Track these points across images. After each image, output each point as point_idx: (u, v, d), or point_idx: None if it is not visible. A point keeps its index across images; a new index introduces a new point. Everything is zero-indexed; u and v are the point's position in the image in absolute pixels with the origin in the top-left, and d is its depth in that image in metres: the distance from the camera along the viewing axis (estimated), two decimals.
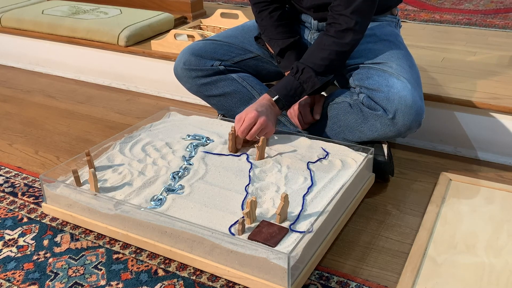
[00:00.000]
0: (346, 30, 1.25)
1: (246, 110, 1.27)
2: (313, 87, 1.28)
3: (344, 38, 1.25)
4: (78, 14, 2.29)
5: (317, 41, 1.30)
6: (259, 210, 1.07)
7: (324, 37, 1.28)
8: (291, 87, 1.28)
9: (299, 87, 1.28)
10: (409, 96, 1.21)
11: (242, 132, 1.26)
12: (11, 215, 1.27)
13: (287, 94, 1.28)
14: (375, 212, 1.25)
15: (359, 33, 1.26)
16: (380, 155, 1.31)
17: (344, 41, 1.26)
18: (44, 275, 1.06)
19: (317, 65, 1.26)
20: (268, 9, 1.43)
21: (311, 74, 1.26)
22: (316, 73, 1.26)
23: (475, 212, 1.21)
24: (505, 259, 1.05)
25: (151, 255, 1.11)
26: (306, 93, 1.30)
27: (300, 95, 1.29)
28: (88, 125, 1.78)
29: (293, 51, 1.41)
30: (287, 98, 1.28)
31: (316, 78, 1.26)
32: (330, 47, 1.26)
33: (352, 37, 1.25)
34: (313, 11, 1.39)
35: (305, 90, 1.28)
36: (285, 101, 1.28)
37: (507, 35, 2.10)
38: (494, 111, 1.44)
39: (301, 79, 1.27)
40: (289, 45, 1.40)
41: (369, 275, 1.05)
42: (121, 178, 1.20)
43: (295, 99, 1.30)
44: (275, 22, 1.42)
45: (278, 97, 1.28)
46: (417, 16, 2.48)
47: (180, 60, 1.47)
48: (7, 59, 2.44)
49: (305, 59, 1.29)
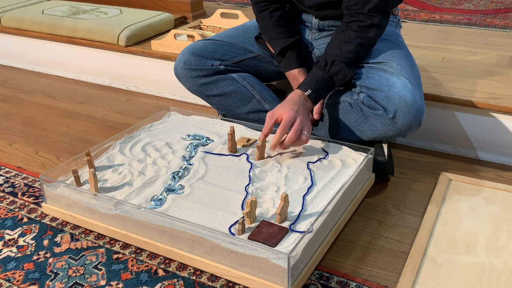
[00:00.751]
0: (371, 25, 1.27)
1: (281, 110, 1.22)
2: (345, 79, 1.28)
3: (369, 33, 1.27)
4: (78, 14, 2.29)
5: (337, 36, 1.30)
6: (259, 210, 1.07)
7: (348, 31, 1.29)
8: (322, 80, 1.27)
9: (330, 80, 1.27)
10: (410, 95, 1.21)
11: (283, 132, 1.19)
12: (11, 215, 1.27)
13: (319, 88, 1.27)
14: (375, 212, 1.25)
15: (382, 28, 1.29)
16: (380, 155, 1.31)
17: (368, 36, 1.28)
18: (44, 275, 1.06)
19: (345, 57, 1.27)
20: (268, 9, 1.43)
21: (342, 66, 1.26)
22: (346, 64, 1.27)
23: (475, 212, 1.21)
24: (505, 259, 1.05)
25: (151, 255, 1.11)
26: (337, 86, 1.30)
27: (331, 88, 1.30)
28: (88, 125, 1.78)
29: (293, 51, 1.41)
30: (318, 92, 1.27)
31: (347, 69, 1.27)
32: (355, 40, 1.27)
33: (375, 32, 1.28)
34: (315, 9, 1.40)
35: (335, 83, 1.28)
36: (318, 94, 1.27)
37: (507, 35, 2.10)
38: (494, 111, 1.44)
39: (332, 72, 1.26)
40: (290, 45, 1.40)
41: (369, 275, 1.05)
42: (121, 178, 1.20)
43: (326, 92, 1.30)
44: (275, 21, 1.42)
45: (311, 92, 1.26)
46: (417, 16, 2.48)
47: (180, 60, 1.47)
48: (7, 59, 2.44)
49: (330, 52, 1.29)
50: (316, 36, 1.46)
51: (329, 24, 1.42)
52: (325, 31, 1.44)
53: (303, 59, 1.42)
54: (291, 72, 1.42)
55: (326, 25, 1.43)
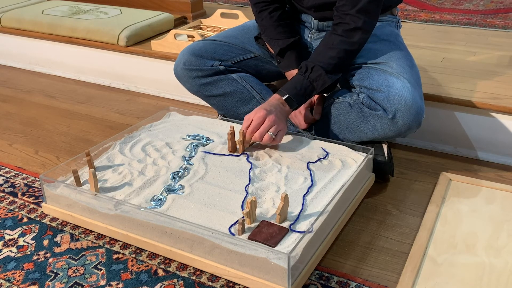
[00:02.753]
0: (354, 29, 1.25)
1: (255, 110, 1.26)
2: (324, 85, 1.27)
3: (353, 37, 1.26)
4: (78, 14, 2.29)
5: (324, 41, 1.30)
6: (259, 210, 1.07)
7: (332, 36, 1.28)
8: (301, 86, 1.27)
9: (309, 86, 1.27)
10: (409, 96, 1.21)
11: (251, 131, 1.25)
12: (11, 215, 1.27)
13: (297, 93, 1.27)
14: (375, 212, 1.25)
15: (367, 32, 1.27)
16: (380, 155, 1.31)
17: (352, 40, 1.26)
18: (44, 275, 1.06)
19: (326, 63, 1.27)
20: (268, 9, 1.43)
21: (321, 72, 1.26)
22: (326, 71, 1.26)
23: (475, 212, 1.21)
24: (505, 259, 1.05)
25: (151, 255, 1.11)
26: (317, 92, 1.29)
27: (311, 94, 1.29)
28: (88, 125, 1.78)
29: (293, 51, 1.41)
30: (297, 97, 1.27)
31: (327, 76, 1.26)
32: (338, 46, 1.26)
33: (360, 36, 1.26)
34: (314, 10, 1.40)
35: (315, 89, 1.28)
36: (295, 100, 1.28)
37: (507, 35, 2.10)
38: (494, 111, 1.44)
39: (311, 78, 1.27)
40: (289, 45, 1.40)
41: (369, 275, 1.05)
42: (121, 178, 1.20)
43: (305, 98, 1.29)
44: (275, 22, 1.42)
45: (288, 96, 1.27)
46: (417, 16, 2.48)
47: (180, 60, 1.47)
48: (7, 59, 2.44)
49: (313, 58, 1.29)
50: (316, 36, 1.46)
51: (328, 25, 1.42)
52: (324, 31, 1.44)
53: (302, 59, 1.42)
54: (290, 72, 1.42)
55: (325, 26, 1.43)
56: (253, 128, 1.24)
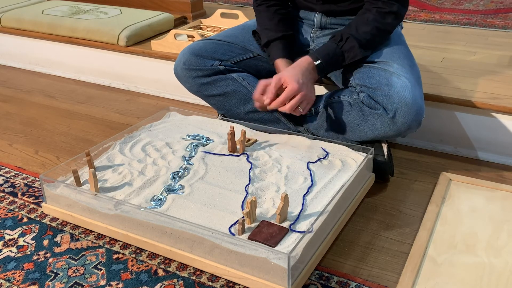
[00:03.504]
0: (389, 12, 1.28)
1: (286, 76, 1.23)
2: (354, 58, 1.28)
3: (386, 18, 1.29)
4: (78, 14, 2.29)
5: (358, 17, 1.32)
6: (259, 210, 1.07)
7: (367, 13, 1.30)
8: (334, 54, 1.27)
9: (341, 56, 1.28)
10: (409, 95, 1.21)
11: (281, 102, 1.22)
12: (11, 215, 1.27)
13: (329, 61, 1.27)
14: (375, 212, 1.25)
15: (399, 17, 1.30)
16: (380, 155, 1.31)
17: (385, 21, 1.29)
18: (44, 275, 1.06)
19: (361, 37, 1.27)
20: (267, 3, 1.44)
21: (355, 44, 1.26)
22: (359, 44, 1.27)
23: (475, 212, 1.21)
24: (505, 259, 1.05)
25: (151, 255, 1.11)
26: (346, 63, 1.30)
27: (340, 64, 1.30)
28: (88, 125, 1.78)
29: (281, 41, 1.40)
30: (327, 66, 1.27)
31: (359, 49, 1.27)
32: (372, 23, 1.28)
33: (393, 19, 1.29)
34: (322, 2, 1.39)
35: (345, 60, 1.28)
36: (325, 67, 1.28)
37: (507, 35, 2.10)
38: (494, 111, 1.44)
39: (344, 48, 1.27)
40: (278, 38, 1.40)
41: (369, 275, 1.05)
42: (121, 178, 1.20)
43: (332, 68, 1.30)
44: (271, 14, 1.43)
45: (320, 62, 1.26)
46: (417, 16, 2.48)
47: (180, 60, 1.47)
48: (7, 59, 2.44)
49: (346, 30, 1.29)
50: (319, 34, 1.46)
51: (331, 22, 1.42)
52: (327, 29, 1.44)
53: (291, 52, 1.41)
54: (278, 62, 1.39)
55: (328, 23, 1.43)
56: (283, 99, 1.22)
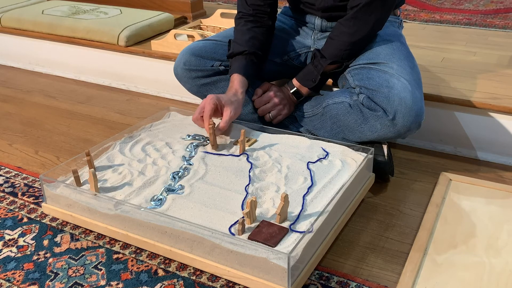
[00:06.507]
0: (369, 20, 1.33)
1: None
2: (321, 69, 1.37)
3: (366, 24, 1.33)
4: (78, 14, 2.29)
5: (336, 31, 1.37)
6: (259, 210, 1.07)
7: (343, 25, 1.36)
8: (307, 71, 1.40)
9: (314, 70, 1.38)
10: (409, 97, 1.21)
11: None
12: (11, 215, 1.27)
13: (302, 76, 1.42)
14: (375, 212, 1.25)
15: (381, 23, 1.36)
16: (380, 155, 1.31)
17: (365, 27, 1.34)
18: (44, 275, 1.06)
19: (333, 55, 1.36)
20: (247, 19, 1.43)
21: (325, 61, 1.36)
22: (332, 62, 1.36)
23: (475, 212, 1.21)
24: (505, 259, 1.05)
25: (151, 255, 1.11)
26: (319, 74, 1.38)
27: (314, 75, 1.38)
28: (88, 125, 1.78)
29: (245, 58, 1.38)
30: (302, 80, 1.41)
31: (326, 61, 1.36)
32: (345, 37, 1.34)
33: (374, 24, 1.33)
34: (322, 11, 1.39)
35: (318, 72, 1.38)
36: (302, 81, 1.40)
37: (507, 35, 2.10)
38: (494, 111, 1.44)
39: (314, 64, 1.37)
40: (244, 53, 1.38)
41: (369, 275, 1.05)
42: (121, 178, 1.20)
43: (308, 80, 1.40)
44: (246, 29, 1.41)
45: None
46: (417, 16, 2.48)
47: (180, 60, 1.47)
48: (7, 59, 2.44)
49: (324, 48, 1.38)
50: (319, 37, 1.46)
51: (331, 26, 1.42)
52: (328, 32, 1.44)
53: (251, 71, 1.40)
54: (232, 76, 1.39)
55: (329, 26, 1.43)
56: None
